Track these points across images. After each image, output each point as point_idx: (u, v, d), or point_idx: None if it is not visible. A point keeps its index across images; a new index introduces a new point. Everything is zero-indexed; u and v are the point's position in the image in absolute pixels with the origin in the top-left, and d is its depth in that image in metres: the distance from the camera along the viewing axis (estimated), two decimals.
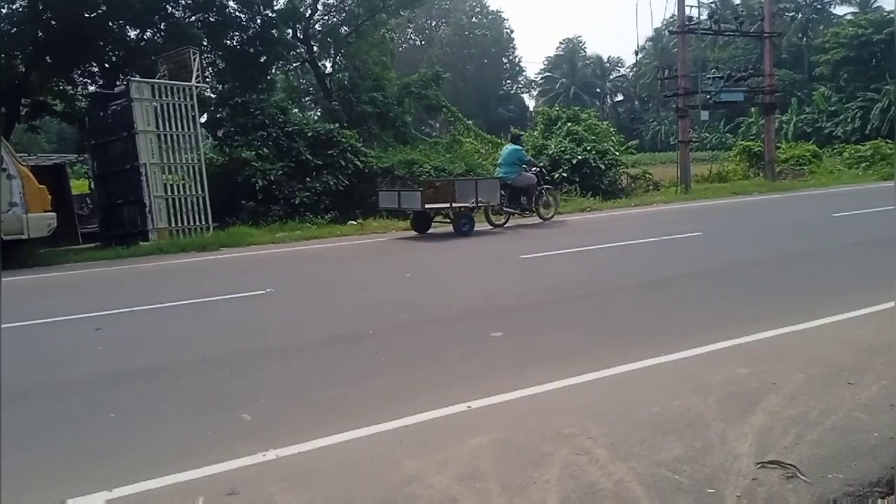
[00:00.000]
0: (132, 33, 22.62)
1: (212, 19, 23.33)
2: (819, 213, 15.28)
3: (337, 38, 28.04)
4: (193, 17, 23.23)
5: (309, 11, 27.41)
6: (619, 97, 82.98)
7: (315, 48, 28.38)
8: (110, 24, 20.76)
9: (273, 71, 27.67)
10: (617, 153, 25.31)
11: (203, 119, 23.01)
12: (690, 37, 24.67)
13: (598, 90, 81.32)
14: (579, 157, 23.17)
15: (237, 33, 24.30)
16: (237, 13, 24.03)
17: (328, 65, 29.99)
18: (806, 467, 3.42)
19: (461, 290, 8.79)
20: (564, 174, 22.76)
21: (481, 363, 5.43)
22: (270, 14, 24.66)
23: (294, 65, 29.33)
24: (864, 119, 45.40)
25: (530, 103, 79.24)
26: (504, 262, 10.97)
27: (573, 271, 9.69)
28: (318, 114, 29.85)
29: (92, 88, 21.91)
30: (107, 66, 21.91)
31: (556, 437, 3.90)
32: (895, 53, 34.76)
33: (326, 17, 28.69)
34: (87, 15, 19.63)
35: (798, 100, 52.65)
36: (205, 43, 23.28)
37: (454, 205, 14.27)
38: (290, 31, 26.57)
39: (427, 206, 14.14)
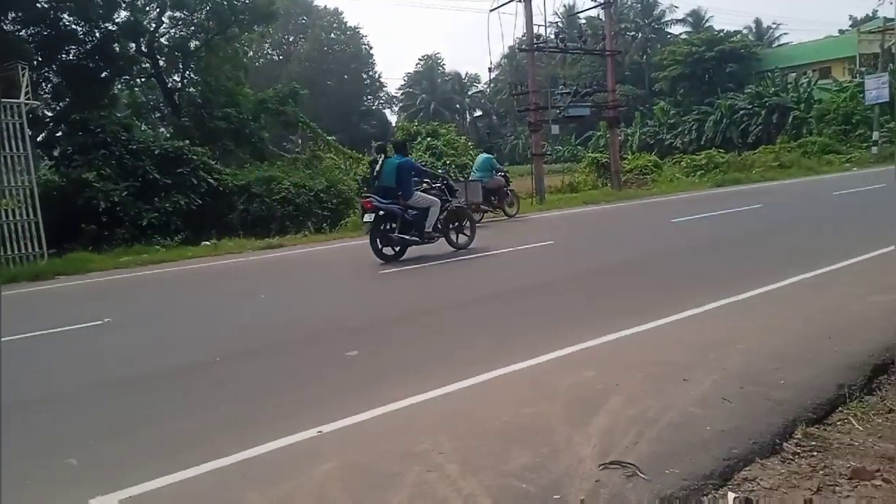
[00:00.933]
0: None
1: (45, 33, 21.75)
2: (660, 219, 16.27)
3: (185, 53, 26.90)
4: (24, 31, 21.56)
5: (153, 25, 26.11)
6: (478, 112, 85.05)
7: (161, 62, 27.04)
8: None
9: (117, 86, 26.19)
10: None
11: (39, 138, 21.41)
12: (540, 54, 25.65)
13: (457, 106, 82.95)
14: (440, 171, 23.44)
15: (74, 47, 22.80)
16: (73, 26, 22.55)
17: (178, 79, 28.68)
18: (645, 465, 3.54)
19: (316, 309, 8.58)
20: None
21: (335, 385, 5.28)
22: (111, 27, 23.33)
23: (140, 80, 27.79)
24: (700, 130, 49.18)
25: (392, 118, 79.53)
26: (360, 279, 10.84)
27: (429, 285, 9.72)
28: (170, 131, 28.45)
29: None
30: None
31: (407, 455, 3.83)
32: None
33: (173, 31, 27.46)
34: None
35: (641, 113, 56.32)
36: (38, 58, 21.70)
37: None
38: (133, 44, 25.22)
39: None
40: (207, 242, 16.75)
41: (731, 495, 3.35)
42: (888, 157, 31.35)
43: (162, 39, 27.00)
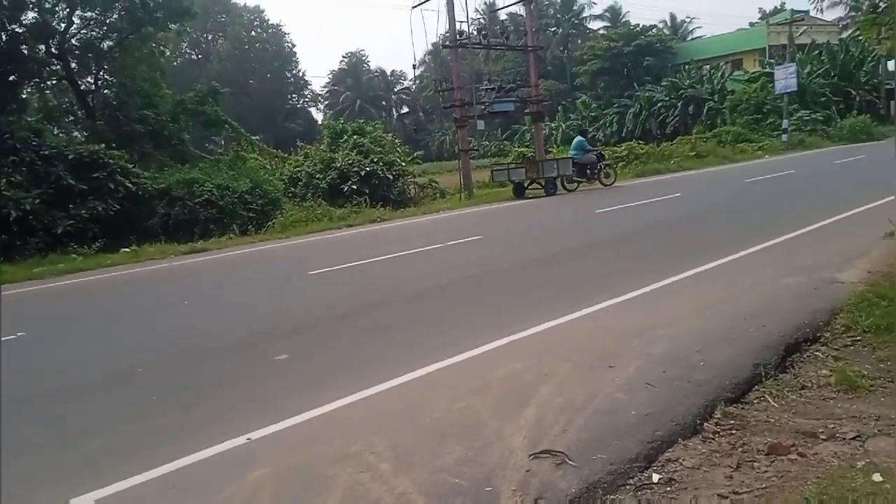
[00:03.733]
0: None
1: None
2: (582, 210, 16.60)
3: (98, 54, 25.83)
4: None
5: (63, 25, 24.97)
6: (405, 109, 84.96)
7: (73, 64, 25.89)
8: None
9: (26, 90, 24.97)
10: (403, 164, 25.86)
11: None
12: (464, 51, 25.81)
13: (383, 103, 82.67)
14: (367, 168, 23.34)
15: None
16: None
17: (92, 81, 27.51)
18: (574, 452, 3.63)
19: (244, 312, 8.41)
20: (354, 186, 22.79)
21: (264, 390, 5.19)
22: (17, 29, 22.22)
23: (50, 82, 26.53)
24: (620, 123, 50.40)
25: (318, 116, 78.55)
26: (290, 280, 10.69)
27: (359, 284, 9.64)
28: (85, 135, 27.27)
29: None
30: None
31: (340, 457, 3.82)
32: None
33: (85, 31, 26.29)
34: None
35: (564, 107, 57.37)
36: None
37: (545, 175, 21.21)
38: (42, 46, 24.06)
39: (529, 177, 21.53)
40: (127, 249, 16.18)
41: (655, 476, 3.47)
42: (797, 143, 32.91)
43: (73, 40, 25.79)
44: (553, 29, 70.37)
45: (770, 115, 37.64)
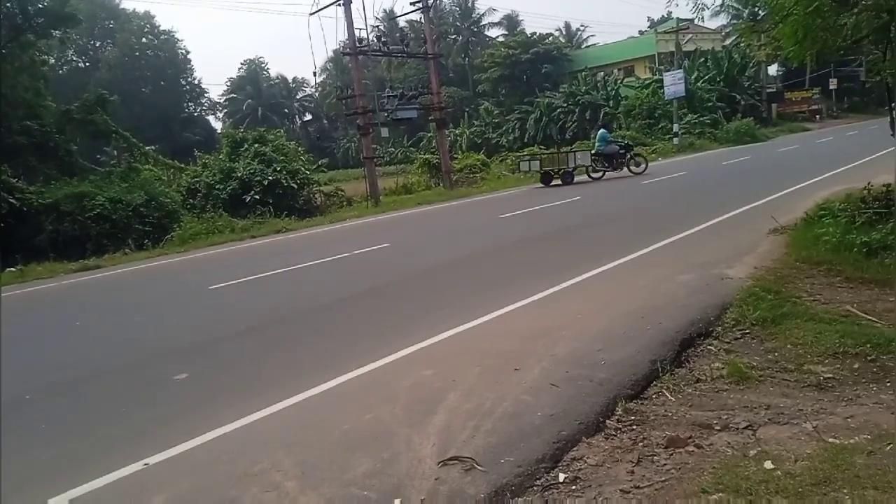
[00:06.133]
0: None
1: None
2: (488, 215, 16.77)
3: None
4: None
5: None
6: (308, 116, 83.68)
7: None
8: None
9: None
10: (308, 172, 25.47)
11: None
12: (365, 58, 25.67)
13: (286, 110, 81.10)
14: (270, 178, 22.87)
15: None
16: None
17: None
18: (482, 457, 3.66)
19: (141, 332, 8.02)
20: (256, 196, 22.27)
21: (163, 412, 4.98)
22: None
23: None
24: (522, 129, 51.36)
25: (217, 125, 76.24)
26: (190, 296, 10.31)
27: (263, 298, 9.39)
28: None
29: None
30: None
31: (244, 477, 3.71)
32: None
33: None
34: None
35: (468, 114, 58.03)
36: None
37: (562, 166, 23.00)
38: None
39: (545, 168, 23.51)
40: (12, 269, 15.18)
41: (561, 476, 3.54)
42: (688, 146, 34.55)
43: None
44: (453, 37, 71.01)
45: (662, 120, 39.32)
